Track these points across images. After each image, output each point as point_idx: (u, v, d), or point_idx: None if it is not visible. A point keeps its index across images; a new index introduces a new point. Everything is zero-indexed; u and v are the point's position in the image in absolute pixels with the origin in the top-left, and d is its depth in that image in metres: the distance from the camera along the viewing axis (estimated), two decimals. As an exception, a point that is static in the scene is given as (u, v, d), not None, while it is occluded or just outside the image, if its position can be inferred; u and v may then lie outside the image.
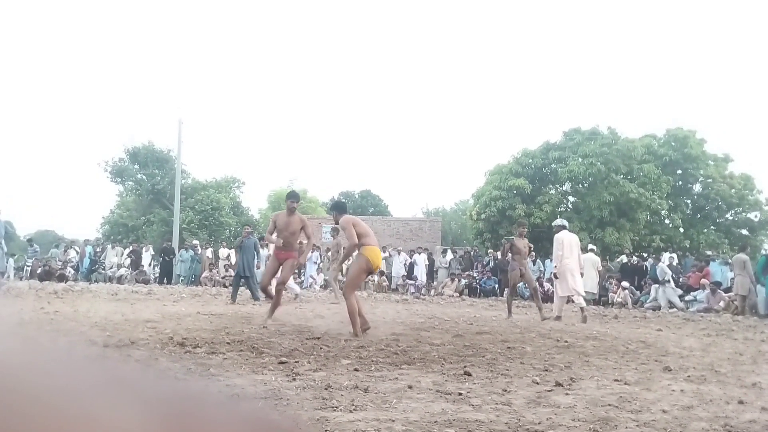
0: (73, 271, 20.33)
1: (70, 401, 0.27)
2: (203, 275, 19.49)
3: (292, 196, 7.72)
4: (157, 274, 20.13)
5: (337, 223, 7.14)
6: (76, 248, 21.83)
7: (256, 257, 12.33)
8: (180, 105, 66.33)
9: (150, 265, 20.89)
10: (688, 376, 4.45)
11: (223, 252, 21.12)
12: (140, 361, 4.37)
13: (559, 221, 10.77)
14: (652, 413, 3.20)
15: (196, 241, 23.66)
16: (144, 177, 35.22)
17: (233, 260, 20.87)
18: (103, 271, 20.49)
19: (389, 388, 3.69)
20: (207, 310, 9.24)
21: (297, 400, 3.25)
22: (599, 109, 68.06)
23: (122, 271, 20.14)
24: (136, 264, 20.41)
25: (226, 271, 19.99)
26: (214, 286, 18.39)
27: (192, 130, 58.11)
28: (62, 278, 18.54)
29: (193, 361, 4.46)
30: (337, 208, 7.18)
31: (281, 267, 7.70)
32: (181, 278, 19.86)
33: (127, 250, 21.53)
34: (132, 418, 0.27)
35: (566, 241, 10.07)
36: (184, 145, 26.71)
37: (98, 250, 21.97)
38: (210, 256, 20.78)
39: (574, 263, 10.00)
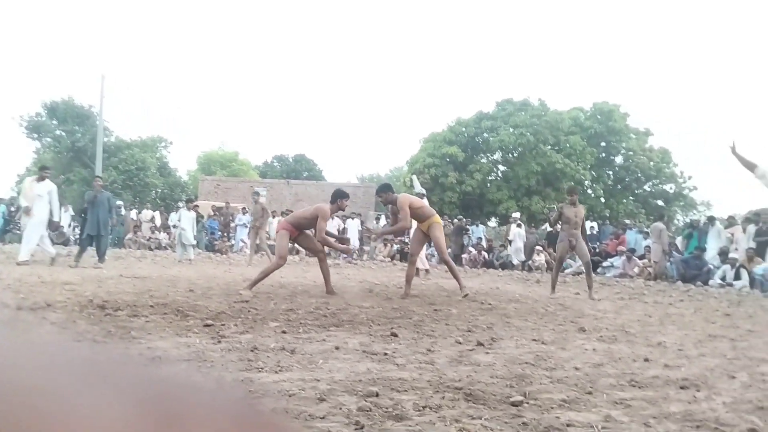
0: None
1: (50, 395, 0.26)
2: (127, 237, 18.81)
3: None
4: (77, 236, 19.26)
5: (386, 203, 7.49)
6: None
7: (110, 214, 11.15)
8: (103, 59, 62.63)
9: (69, 226, 19.93)
10: (601, 336, 4.71)
11: (147, 213, 20.41)
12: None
13: (419, 190, 11.61)
14: (565, 370, 3.37)
15: (119, 202, 22.71)
16: (63, 134, 33.32)
17: (158, 222, 20.21)
18: (18, 232, 19.38)
19: (316, 349, 3.71)
20: (130, 273, 8.96)
21: (221, 362, 3.22)
22: (532, 82, 69.58)
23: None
24: (54, 225, 19.40)
25: (152, 233, 19.40)
26: (138, 248, 17.81)
27: (116, 87, 55.28)
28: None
29: (113, 323, 4.32)
30: (387, 189, 7.53)
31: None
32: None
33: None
34: (116, 410, 0.26)
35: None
36: (108, 102, 25.40)
37: (12, 209, 20.72)
38: (134, 218, 20.05)
39: None
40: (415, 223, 7.64)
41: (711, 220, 15.29)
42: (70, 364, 0.30)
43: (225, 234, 19.43)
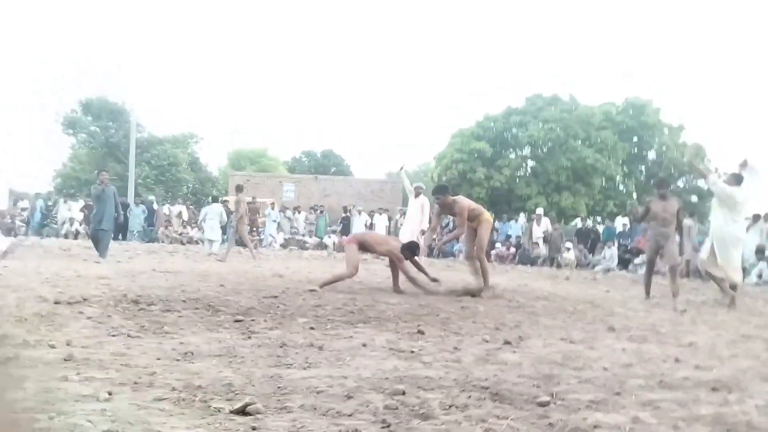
0: (23, 225, 19.72)
1: None
2: (159, 231, 19.18)
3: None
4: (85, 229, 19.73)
5: (443, 205, 7.48)
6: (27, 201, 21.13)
7: (116, 210, 10.88)
8: (131, 55, 63.65)
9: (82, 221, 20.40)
10: (630, 336, 4.66)
11: (176, 208, 20.75)
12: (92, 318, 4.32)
13: (421, 184, 11.81)
14: (593, 370, 3.35)
15: (151, 197, 23.18)
16: (97, 129, 34.10)
17: (185, 216, 20.50)
18: (55, 226, 19.92)
19: (344, 346, 3.76)
20: (163, 267, 9.15)
21: (251, 358, 3.29)
22: (562, 79, 68.47)
23: (75, 226, 19.64)
24: (89, 219, 19.88)
25: (184, 228, 19.73)
26: (171, 243, 18.14)
27: (149, 83, 56.26)
28: (10, 232, 17.97)
29: (147, 318, 4.43)
30: (445, 191, 7.58)
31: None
32: (135, 234, 19.49)
33: (81, 205, 20.95)
34: None
35: (426, 205, 10.98)
36: (140, 99, 25.91)
37: (50, 203, 21.30)
38: (167, 213, 20.41)
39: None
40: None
41: (755, 217, 14.71)
42: None
43: (254, 229, 19.65)
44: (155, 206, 20.86)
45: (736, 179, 7.37)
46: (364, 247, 7.52)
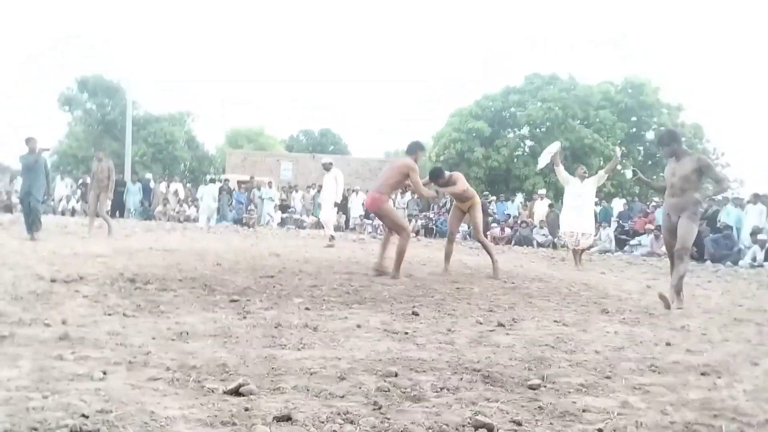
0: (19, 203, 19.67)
1: None
2: (157, 210, 19.16)
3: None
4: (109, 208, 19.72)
5: (443, 185, 7.43)
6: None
7: (47, 182, 10.08)
8: (134, 36, 62.98)
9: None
10: (623, 319, 4.69)
11: (173, 187, 20.73)
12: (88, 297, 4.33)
13: (329, 159, 12.65)
14: (585, 353, 3.38)
15: (148, 174, 23.10)
16: (93, 107, 33.85)
17: (181, 195, 20.44)
18: (52, 203, 19.89)
19: (338, 327, 3.78)
20: (160, 246, 9.15)
21: (246, 338, 3.31)
22: (561, 58, 67.74)
23: (72, 203, 19.63)
24: (86, 196, 19.84)
25: (180, 206, 19.70)
26: (168, 221, 18.14)
27: (144, 60, 55.81)
28: (8, 209, 17.96)
29: (143, 297, 4.45)
30: (440, 173, 7.49)
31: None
32: (132, 212, 19.49)
33: (78, 182, 20.91)
34: None
35: (340, 178, 12.19)
36: (136, 77, 25.70)
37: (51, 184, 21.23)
38: (164, 191, 20.37)
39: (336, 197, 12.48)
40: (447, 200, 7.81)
41: (755, 197, 14.53)
42: None
43: (252, 207, 19.64)
44: (152, 184, 20.81)
45: (574, 171, 9.89)
46: (394, 190, 7.51)
